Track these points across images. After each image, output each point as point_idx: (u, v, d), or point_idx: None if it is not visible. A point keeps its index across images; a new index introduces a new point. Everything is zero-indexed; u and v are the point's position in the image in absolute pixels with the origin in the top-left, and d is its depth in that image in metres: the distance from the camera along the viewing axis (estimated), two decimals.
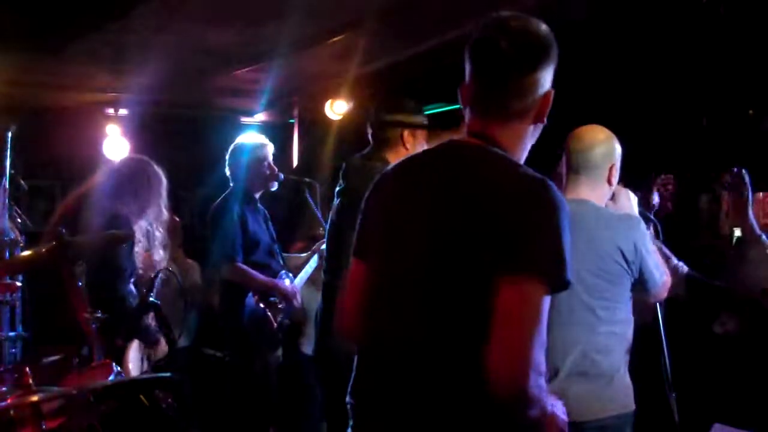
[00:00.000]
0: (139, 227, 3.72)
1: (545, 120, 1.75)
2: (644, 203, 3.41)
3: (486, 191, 1.60)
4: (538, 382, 1.51)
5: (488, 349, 1.51)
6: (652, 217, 3.17)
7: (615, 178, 2.74)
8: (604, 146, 2.74)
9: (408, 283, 1.68)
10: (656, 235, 3.14)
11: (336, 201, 3.52)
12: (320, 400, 4.90)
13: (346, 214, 3.36)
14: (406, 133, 3.39)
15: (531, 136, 1.75)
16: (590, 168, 2.73)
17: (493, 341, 1.51)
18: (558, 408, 1.73)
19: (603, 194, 2.75)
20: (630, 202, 2.85)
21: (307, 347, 4.96)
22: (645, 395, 2.80)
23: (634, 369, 2.75)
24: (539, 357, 1.51)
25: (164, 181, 3.90)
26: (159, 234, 3.84)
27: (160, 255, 3.88)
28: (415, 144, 3.41)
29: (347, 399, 1.86)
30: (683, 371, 3.11)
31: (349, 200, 3.35)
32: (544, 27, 1.72)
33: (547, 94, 1.72)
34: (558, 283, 1.56)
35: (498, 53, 1.66)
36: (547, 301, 1.54)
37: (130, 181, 3.77)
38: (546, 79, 1.70)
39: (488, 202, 1.58)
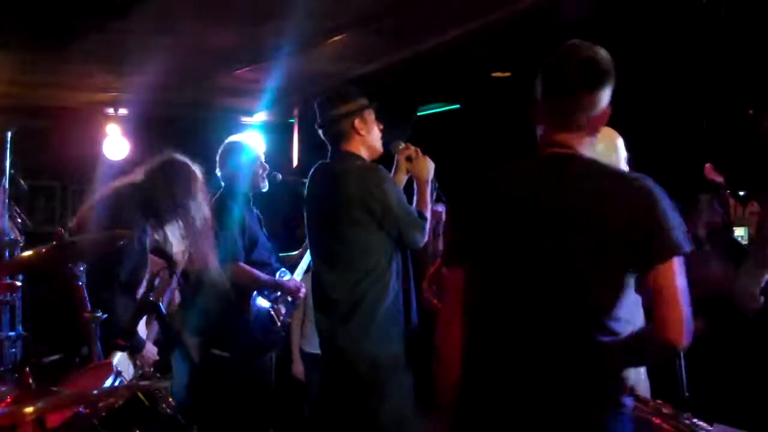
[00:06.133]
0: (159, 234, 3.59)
1: (597, 132, 2.04)
2: None
3: (609, 198, 1.89)
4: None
5: (661, 324, 1.85)
6: None
7: None
8: None
9: (536, 292, 1.92)
10: None
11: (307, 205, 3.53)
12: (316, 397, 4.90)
13: (310, 219, 3.49)
14: (356, 121, 3.39)
15: (590, 144, 2.04)
16: None
17: (666, 316, 1.84)
18: None
19: None
20: None
21: (308, 344, 4.96)
22: (658, 394, 2.78)
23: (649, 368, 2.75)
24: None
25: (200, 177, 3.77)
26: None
27: (180, 250, 3.78)
28: (369, 127, 3.42)
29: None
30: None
31: (314, 205, 3.49)
32: (604, 53, 1.99)
33: (604, 110, 2.00)
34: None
35: (566, 78, 1.97)
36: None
37: (153, 200, 3.58)
38: (604, 98, 1.99)
39: (617, 208, 1.87)
